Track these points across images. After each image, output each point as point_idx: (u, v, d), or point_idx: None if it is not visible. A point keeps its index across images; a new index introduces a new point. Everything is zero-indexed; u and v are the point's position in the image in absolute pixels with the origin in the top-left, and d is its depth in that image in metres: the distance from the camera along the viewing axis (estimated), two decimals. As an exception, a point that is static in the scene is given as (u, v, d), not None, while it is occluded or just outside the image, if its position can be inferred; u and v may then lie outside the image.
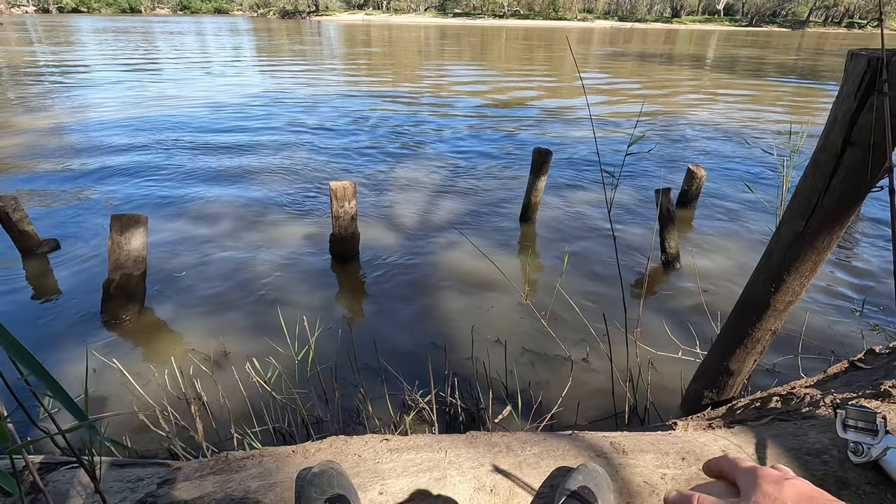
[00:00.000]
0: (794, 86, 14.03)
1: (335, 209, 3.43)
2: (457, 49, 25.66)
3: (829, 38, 47.40)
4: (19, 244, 3.63)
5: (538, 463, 1.13)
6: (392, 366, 2.56)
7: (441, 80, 13.84)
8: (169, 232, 4.16)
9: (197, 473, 1.08)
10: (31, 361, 0.44)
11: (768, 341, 1.60)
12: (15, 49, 19.91)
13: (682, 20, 66.05)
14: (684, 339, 2.73)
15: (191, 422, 2.10)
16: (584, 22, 65.95)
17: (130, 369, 2.48)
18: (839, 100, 1.23)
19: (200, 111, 9.04)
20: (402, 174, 5.78)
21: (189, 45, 25.07)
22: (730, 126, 8.51)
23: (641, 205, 4.92)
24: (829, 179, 1.28)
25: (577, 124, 8.42)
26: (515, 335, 2.88)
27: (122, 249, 2.88)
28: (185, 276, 3.49)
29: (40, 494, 1.19)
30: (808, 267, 1.42)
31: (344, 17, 66.94)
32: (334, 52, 22.63)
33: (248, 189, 5.18)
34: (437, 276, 3.56)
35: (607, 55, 23.70)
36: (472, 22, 63.50)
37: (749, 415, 1.46)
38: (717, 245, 4.11)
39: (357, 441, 1.19)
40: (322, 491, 0.86)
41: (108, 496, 1.09)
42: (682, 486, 1.09)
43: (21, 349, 0.45)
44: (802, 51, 29.09)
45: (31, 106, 9.14)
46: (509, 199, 5.03)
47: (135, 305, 3.04)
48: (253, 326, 2.96)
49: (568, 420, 2.27)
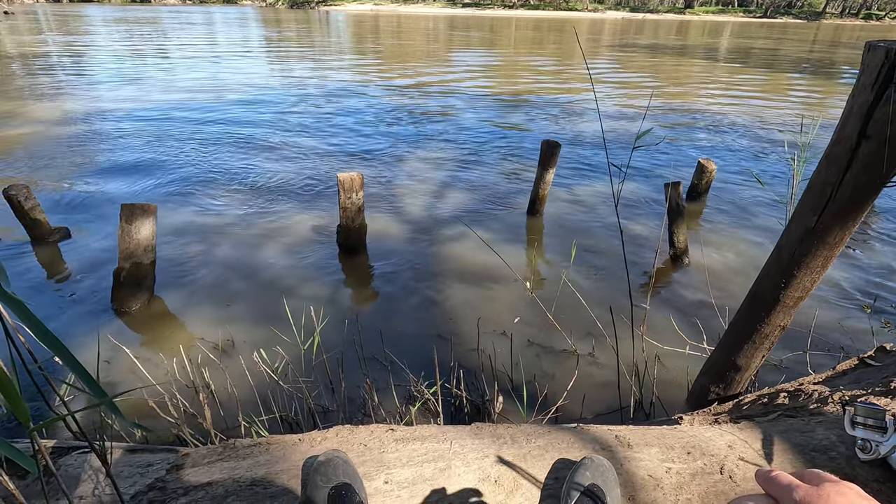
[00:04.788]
0: (809, 78, 13.79)
1: (343, 200, 3.43)
2: (466, 39, 25.46)
3: (846, 29, 46.46)
4: (31, 232, 3.67)
5: (543, 455, 1.14)
6: (398, 357, 2.58)
7: (449, 71, 13.75)
8: (178, 220, 4.19)
9: (205, 460, 1.09)
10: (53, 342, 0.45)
11: (777, 337, 1.59)
12: (28, 39, 20.03)
13: (694, 11, 65.00)
14: (691, 333, 2.71)
15: (199, 409, 2.13)
16: (594, 13, 65.12)
17: (140, 356, 2.51)
18: (855, 92, 1.21)
19: (210, 101, 9.06)
20: (410, 165, 5.77)
21: (198, 34, 25.07)
22: (742, 119, 8.40)
23: (650, 198, 4.88)
24: (842, 173, 1.25)
25: (586, 116, 8.34)
26: (521, 328, 2.88)
27: (132, 238, 2.90)
28: (193, 264, 3.52)
29: (52, 478, 1.22)
30: (819, 262, 1.40)
31: (352, 6, 66.57)
32: (343, 42, 22.54)
33: (257, 179, 5.20)
34: (443, 267, 3.56)
35: (617, 46, 23.41)
36: (482, 12, 62.89)
37: (756, 410, 1.46)
38: (726, 240, 4.07)
39: (363, 430, 1.20)
40: (328, 479, 0.87)
41: (119, 481, 1.11)
42: (687, 480, 1.09)
43: (45, 330, 0.46)
44: (818, 43, 28.56)
45: (43, 95, 9.21)
46: (517, 191, 5.01)
47: (144, 294, 3.07)
48: (260, 315, 2.98)
49: (573, 413, 2.27)
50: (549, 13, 64.03)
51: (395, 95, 10.06)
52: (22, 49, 16.29)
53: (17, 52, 15.63)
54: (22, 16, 36.47)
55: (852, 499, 0.41)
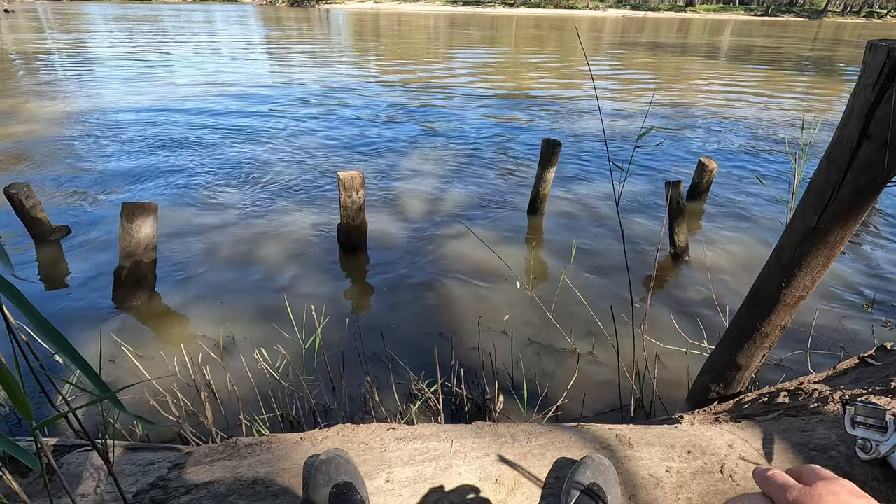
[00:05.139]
0: (810, 77, 13.76)
1: (343, 199, 3.43)
2: (466, 37, 25.42)
3: (848, 27, 46.35)
4: (32, 230, 3.67)
5: (543, 454, 1.14)
6: (398, 355, 2.58)
7: (450, 69, 13.74)
8: (178, 219, 4.19)
9: (207, 458, 1.09)
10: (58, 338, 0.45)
11: (778, 336, 1.59)
12: (28, 36, 20.01)
13: (696, 9, 64.84)
14: (692, 332, 2.72)
15: (200, 407, 2.14)
16: (595, 11, 64.96)
17: (140, 355, 2.52)
18: (856, 92, 1.21)
19: (210, 99, 9.05)
20: (411, 164, 5.77)
21: (198, 32, 25.04)
22: (742, 118, 8.39)
23: (651, 197, 4.88)
24: (843, 173, 1.26)
25: (587, 115, 8.33)
26: (522, 327, 2.88)
27: (133, 237, 2.91)
28: (194, 263, 3.52)
29: (54, 476, 1.22)
30: (820, 262, 1.40)
31: (353, 4, 66.43)
32: (343, 40, 22.51)
33: (257, 177, 5.20)
34: (444, 266, 3.57)
35: (618, 44, 23.37)
36: (482, 10, 62.76)
37: (756, 409, 1.46)
38: (727, 238, 4.07)
39: (364, 429, 1.21)
40: (329, 478, 0.87)
41: (121, 479, 1.11)
42: (688, 479, 1.09)
43: (48, 326, 0.46)
44: (819, 41, 28.49)
45: (43, 93, 9.20)
46: (517, 190, 5.01)
47: (145, 292, 3.07)
48: (261, 314, 2.99)
49: (573, 412, 2.27)
50: (549, 11, 63.90)
51: (395, 93, 10.05)
52: (22, 47, 16.27)
53: (18, 49, 15.61)
54: (22, 14, 36.42)
55: (844, 498, 0.42)
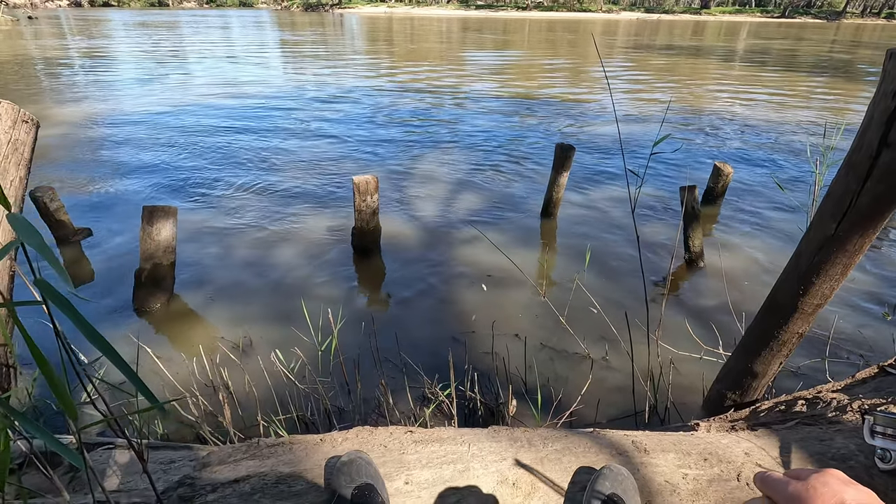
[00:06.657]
0: (829, 80, 13.55)
1: (357, 203, 3.47)
2: (479, 41, 25.48)
3: (867, 29, 45.54)
4: (55, 233, 3.77)
5: (560, 459, 1.15)
6: (412, 358, 2.60)
7: (463, 72, 13.78)
8: (196, 222, 4.27)
9: (231, 458, 1.12)
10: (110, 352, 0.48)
11: (795, 344, 1.58)
12: (51, 42, 20.51)
13: (711, 11, 64.18)
14: (707, 339, 2.70)
15: (218, 408, 2.18)
16: (608, 14, 64.66)
17: (160, 356, 2.57)
18: (876, 99, 1.20)
19: (228, 104, 9.20)
20: (425, 168, 5.81)
21: (216, 37, 25.44)
22: (760, 122, 8.29)
23: (665, 202, 4.85)
24: (863, 181, 1.25)
25: (601, 119, 8.31)
26: (535, 331, 2.88)
27: (153, 240, 2.97)
28: (211, 265, 3.59)
29: (80, 472, 1.27)
30: (839, 270, 1.39)
31: (366, 9, 66.97)
32: (357, 44, 22.70)
33: (272, 181, 5.27)
34: (457, 270, 3.58)
35: (632, 47, 23.24)
36: (495, 14, 62.81)
37: (773, 418, 1.45)
38: (742, 245, 4.03)
39: (382, 432, 1.23)
40: (351, 479, 0.90)
41: (143, 476, 1.15)
42: (704, 486, 1.09)
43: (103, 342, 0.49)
44: (838, 43, 28.04)
45: (66, 98, 9.43)
46: (530, 194, 5.01)
47: (164, 294, 3.14)
48: (277, 316, 3.03)
49: (587, 417, 2.27)
50: (562, 14, 63.78)
51: (408, 97, 10.11)
52: (45, 53, 16.68)
53: (41, 55, 16.01)
54: (45, 20, 37.33)
55: (835, 486, 0.45)
